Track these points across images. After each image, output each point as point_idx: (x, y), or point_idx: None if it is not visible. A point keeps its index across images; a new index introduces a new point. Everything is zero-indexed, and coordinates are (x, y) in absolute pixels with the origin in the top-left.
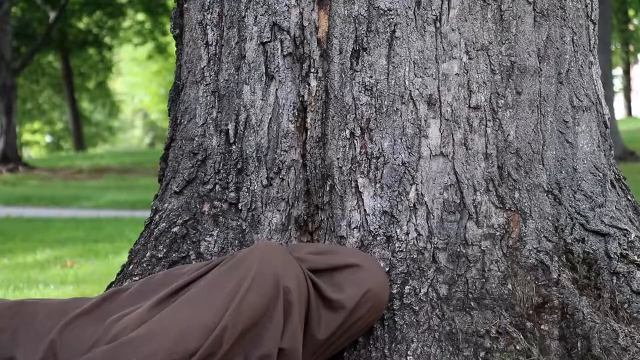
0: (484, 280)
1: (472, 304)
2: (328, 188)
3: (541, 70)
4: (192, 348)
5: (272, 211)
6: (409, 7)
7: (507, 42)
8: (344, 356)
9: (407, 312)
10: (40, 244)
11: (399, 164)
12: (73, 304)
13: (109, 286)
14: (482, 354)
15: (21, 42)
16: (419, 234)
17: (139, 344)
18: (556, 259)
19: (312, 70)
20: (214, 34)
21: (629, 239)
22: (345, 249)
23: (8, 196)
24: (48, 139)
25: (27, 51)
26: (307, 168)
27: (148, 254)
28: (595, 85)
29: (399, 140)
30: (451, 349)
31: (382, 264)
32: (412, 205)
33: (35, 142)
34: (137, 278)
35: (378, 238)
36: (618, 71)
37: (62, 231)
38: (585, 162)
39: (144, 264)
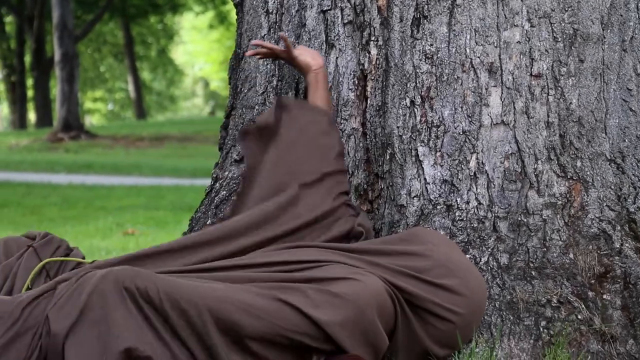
0: (545, 249)
1: (533, 273)
2: (388, 157)
3: (604, 37)
4: None
5: None
6: None
7: (570, 9)
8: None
9: None
10: (102, 212)
11: (459, 133)
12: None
13: None
14: (543, 323)
15: (83, 10)
16: (480, 203)
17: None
18: (619, 228)
19: (373, 38)
20: (274, 2)
21: None
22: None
23: (70, 163)
24: (110, 106)
25: (89, 19)
26: (367, 136)
27: (209, 222)
28: None
29: (460, 109)
30: (512, 318)
31: (442, 233)
32: (472, 174)
33: (96, 110)
34: None
35: (438, 207)
36: None
37: (124, 199)
38: None
39: None
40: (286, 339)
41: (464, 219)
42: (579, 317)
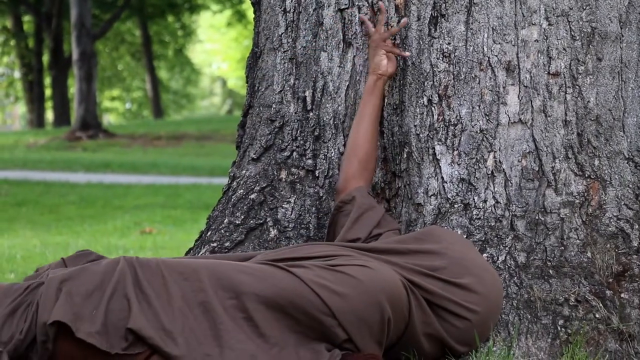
0: (562, 248)
1: (550, 272)
2: (405, 155)
3: (622, 36)
4: None
5: None
6: None
7: (588, 7)
8: None
9: None
10: (119, 210)
11: (477, 131)
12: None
13: (187, 252)
14: (560, 322)
15: (101, 9)
16: (497, 202)
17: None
18: (637, 226)
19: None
20: (292, 1)
21: None
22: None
23: (88, 162)
24: (127, 105)
25: (107, 18)
26: (385, 135)
27: (226, 221)
28: None
29: (477, 107)
30: (529, 317)
31: (459, 232)
32: (490, 172)
33: (114, 108)
34: (215, 244)
35: (455, 205)
36: None
37: (141, 197)
38: None
39: (222, 231)
40: (288, 303)
41: (482, 217)
42: (597, 316)
